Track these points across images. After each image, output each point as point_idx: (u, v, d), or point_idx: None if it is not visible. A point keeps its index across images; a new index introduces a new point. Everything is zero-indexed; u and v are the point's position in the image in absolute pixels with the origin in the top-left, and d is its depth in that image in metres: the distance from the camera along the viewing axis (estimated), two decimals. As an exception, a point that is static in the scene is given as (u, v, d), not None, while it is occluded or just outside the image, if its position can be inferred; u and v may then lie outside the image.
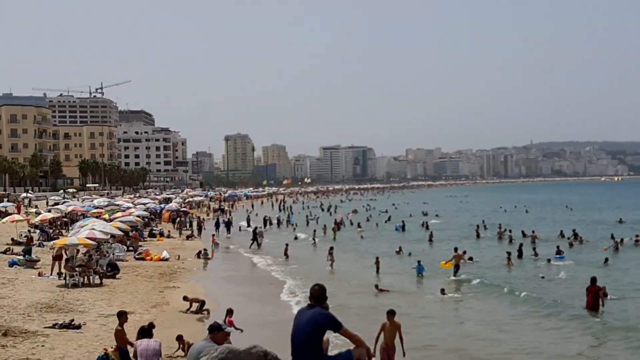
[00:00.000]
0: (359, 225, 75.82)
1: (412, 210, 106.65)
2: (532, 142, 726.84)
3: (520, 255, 43.95)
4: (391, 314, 16.53)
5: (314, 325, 8.08)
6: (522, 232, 60.11)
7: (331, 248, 43.47)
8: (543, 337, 22.81)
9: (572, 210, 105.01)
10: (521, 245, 46.69)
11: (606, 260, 41.48)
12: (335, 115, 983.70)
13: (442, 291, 30.95)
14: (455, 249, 39.50)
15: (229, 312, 21.73)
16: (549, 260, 42.13)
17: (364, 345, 8.34)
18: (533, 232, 59.12)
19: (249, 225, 74.28)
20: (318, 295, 8.44)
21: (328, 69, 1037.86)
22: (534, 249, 45.98)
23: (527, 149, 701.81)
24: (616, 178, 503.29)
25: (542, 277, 35.73)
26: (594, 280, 26.49)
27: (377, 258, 39.34)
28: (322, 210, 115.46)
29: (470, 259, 41.80)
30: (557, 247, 46.52)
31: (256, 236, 56.08)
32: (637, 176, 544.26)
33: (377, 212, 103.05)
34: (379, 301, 29.05)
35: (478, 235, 62.27)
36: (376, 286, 32.22)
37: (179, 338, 18.89)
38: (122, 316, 17.57)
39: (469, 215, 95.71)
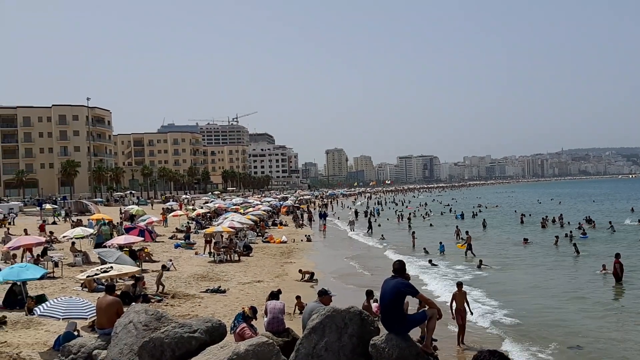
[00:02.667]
0: (427, 214, 74.57)
1: (469, 203, 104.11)
2: (562, 149, 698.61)
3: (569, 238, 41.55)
4: (460, 285, 16.24)
5: (396, 291, 8.00)
6: (553, 218, 57.50)
7: (413, 232, 43.04)
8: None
9: (594, 202, 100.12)
10: (571, 232, 43.80)
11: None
12: (408, 130, 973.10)
13: (480, 263, 29.80)
14: (467, 232, 37.93)
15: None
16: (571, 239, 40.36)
17: (436, 306, 8.21)
18: (561, 217, 56.62)
19: (357, 217, 71.42)
20: (399, 268, 8.36)
21: (404, 93, 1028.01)
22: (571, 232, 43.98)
23: (559, 154, 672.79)
24: (630, 176, 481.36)
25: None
26: (617, 255, 25.05)
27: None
28: (396, 204, 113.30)
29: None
30: (583, 229, 45.40)
31: (371, 223, 54.47)
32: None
33: (441, 205, 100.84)
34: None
35: (522, 222, 59.74)
36: (480, 262, 30.13)
37: (298, 298, 19.02)
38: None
39: (515, 206, 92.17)
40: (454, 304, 15.70)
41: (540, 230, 50.91)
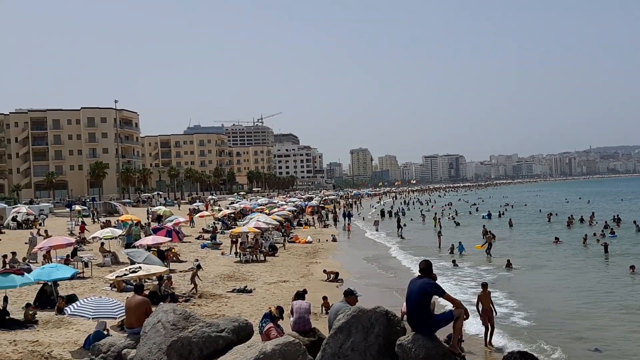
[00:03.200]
0: (456, 213, 74.00)
1: (496, 202, 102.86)
2: (591, 147, 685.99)
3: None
4: (485, 286, 16.17)
5: (422, 291, 7.96)
6: (581, 217, 56.69)
7: (439, 233, 42.72)
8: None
9: (622, 201, 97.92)
10: (602, 231, 43.23)
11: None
12: (434, 129, 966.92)
13: (508, 263, 29.42)
14: (489, 232, 37.08)
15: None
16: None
17: (462, 306, 8.15)
18: (591, 217, 55.76)
19: (382, 217, 71.96)
20: (425, 268, 8.33)
21: (429, 91, 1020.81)
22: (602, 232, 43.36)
23: (587, 152, 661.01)
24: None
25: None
26: None
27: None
28: (421, 203, 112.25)
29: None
30: (611, 229, 44.97)
31: (400, 224, 54.08)
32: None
33: (467, 205, 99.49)
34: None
35: (549, 220, 58.91)
36: (508, 262, 29.63)
37: (325, 298, 19.04)
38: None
39: (543, 205, 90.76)
40: (480, 305, 15.60)
41: (566, 229, 50.21)
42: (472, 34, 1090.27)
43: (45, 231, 39.40)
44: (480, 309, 15.56)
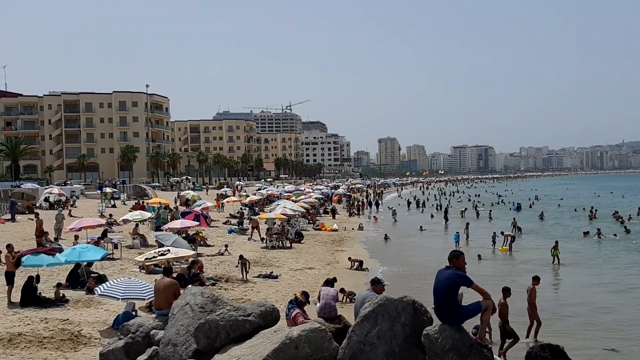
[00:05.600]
0: (481, 204, 73.23)
1: (524, 195, 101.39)
2: (623, 140, 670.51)
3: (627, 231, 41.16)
4: (536, 279, 15.87)
5: (450, 282, 7.90)
6: (614, 212, 55.53)
7: (467, 224, 41.70)
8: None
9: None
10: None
11: None
12: (463, 119, 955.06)
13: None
14: (502, 233, 35.97)
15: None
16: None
17: (490, 298, 8.07)
18: (616, 212, 54.23)
19: (409, 207, 72.95)
20: (452, 257, 8.24)
21: (458, 81, 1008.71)
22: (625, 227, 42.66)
23: (619, 146, 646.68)
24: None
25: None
26: None
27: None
28: (446, 194, 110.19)
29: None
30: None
31: (447, 214, 54.06)
32: None
33: (494, 196, 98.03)
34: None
35: (592, 218, 54.33)
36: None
37: (342, 290, 18.71)
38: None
39: (574, 199, 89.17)
40: (528, 297, 15.35)
41: (588, 222, 49.85)
42: (506, 25, 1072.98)
43: (70, 212, 40.20)
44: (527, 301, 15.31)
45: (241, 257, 23.30)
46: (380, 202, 75.49)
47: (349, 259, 26.95)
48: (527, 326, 15.29)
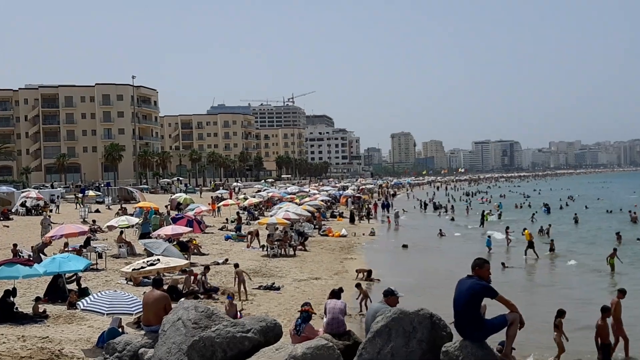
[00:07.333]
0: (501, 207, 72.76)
1: (555, 195, 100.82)
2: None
3: None
4: (622, 292, 15.52)
5: (472, 292, 7.87)
6: None
7: (507, 227, 41.17)
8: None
9: None
10: None
11: None
12: (485, 112, 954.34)
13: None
14: (543, 225, 35.86)
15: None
16: None
17: (517, 311, 8.02)
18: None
19: (425, 209, 74.40)
20: (475, 266, 8.20)
21: (480, 71, 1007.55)
22: None
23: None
24: None
25: None
26: None
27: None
28: (468, 195, 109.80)
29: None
30: None
31: (484, 218, 53.89)
32: None
33: (521, 197, 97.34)
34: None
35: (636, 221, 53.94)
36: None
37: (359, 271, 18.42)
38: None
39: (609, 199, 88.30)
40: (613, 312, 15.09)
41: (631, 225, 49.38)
42: (538, 17, 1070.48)
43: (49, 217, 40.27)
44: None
45: (236, 266, 22.67)
46: (392, 204, 75.34)
47: (357, 270, 26.54)
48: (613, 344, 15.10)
